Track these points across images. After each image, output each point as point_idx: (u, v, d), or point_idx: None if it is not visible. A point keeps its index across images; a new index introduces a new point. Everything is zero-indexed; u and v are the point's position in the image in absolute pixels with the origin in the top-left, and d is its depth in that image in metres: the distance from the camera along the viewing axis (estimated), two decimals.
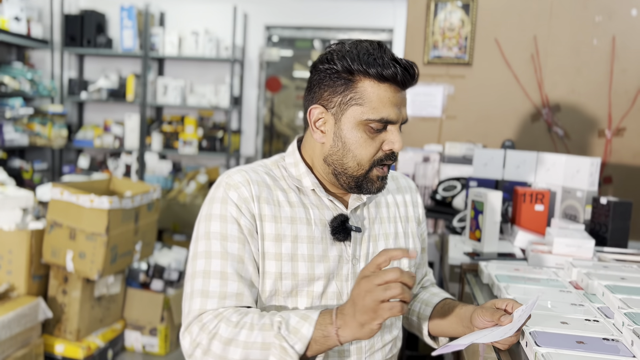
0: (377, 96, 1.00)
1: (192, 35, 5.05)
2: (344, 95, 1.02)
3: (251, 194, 1.02)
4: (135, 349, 3.27)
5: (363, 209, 1.13)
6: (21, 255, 2.78)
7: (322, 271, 1.03)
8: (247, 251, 1.01)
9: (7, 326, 2.53)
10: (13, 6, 4.69)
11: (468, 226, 1.77)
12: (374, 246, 1.11)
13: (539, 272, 1.42)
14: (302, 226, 1.04)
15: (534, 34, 2.71)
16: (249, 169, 1.08)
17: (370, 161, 1.03)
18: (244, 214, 1.01)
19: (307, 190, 1.08)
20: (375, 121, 1.01)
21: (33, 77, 4.93)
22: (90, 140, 5.33)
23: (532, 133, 2.75)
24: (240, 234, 1.00)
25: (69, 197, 2.80)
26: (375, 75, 0.99)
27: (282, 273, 1.01)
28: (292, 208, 1.05)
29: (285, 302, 1.03)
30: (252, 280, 1.01)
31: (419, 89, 2.82)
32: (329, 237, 1.05)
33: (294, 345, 0.89)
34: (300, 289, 1.02)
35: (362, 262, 1.08)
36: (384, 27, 5.27)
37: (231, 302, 0.97)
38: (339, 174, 1.05)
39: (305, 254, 1.03)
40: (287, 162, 1.12)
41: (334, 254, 1.05)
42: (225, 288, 0.97)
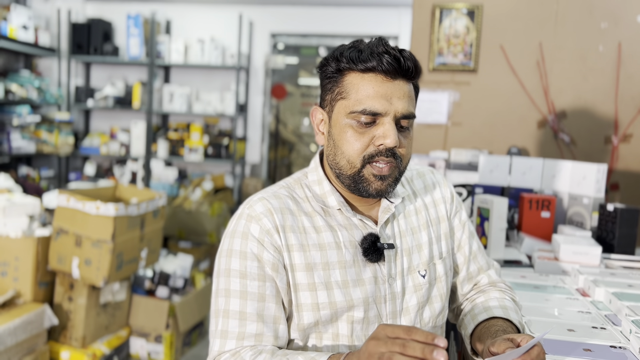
0: (360, 87, 0.95)
1: (197, 43, 5.08)
2: (332, 92, 0.99)
3: (275, 224, 0.97)
4: (141, 356, 3.26)
5: (393, 222, 1.05)
6: (27, 262, 2.79)
7: (359, 296, 0.97)
8: (268, 288, 0.96)
9: (13, 333, 2.53)
10: (21, 15, 4.73)
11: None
12: (408, 261, 1.03)
13: (546, 279, 1.41)
14: (332, 252, 0.98)
15: (539, 41, 2.70)
16: (271, 195, 1.01)
17: (360, 157, 0.96)
18: (267, 249, 0.96)
19: (333, 210, 1.02)
20: (359, 112, 0.94)
21: (40, 84, 4.97)
22: (97, 147, 5.36)
23: (538, 139, 2.74)
24: (260, 271, 0.96)
25: (75, 204, 2.81)
26: (359, 68, 0.95)
27: (319, 303, 0.96)
28: (319, 234, 0.99)
29: (326, 329, 0.98)
30: (275, 318, 0.96)
31: (424, 95, 2.82)
32: (360, 259, 0.99)
33: None
34: (339, 315, 0.97)
35: (398, 279, 1.01)
36: (389, 34, 5.28)
37: (249, 342, 0.94)
38: (338, 175, 1.00)
39: (340, 280, 0.97)
40: (310, 180, 1.06)
41: (369, 275, 0.99)
42: (244, 329, 0.94)
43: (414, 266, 1.03)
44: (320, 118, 1.04)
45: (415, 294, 1.02)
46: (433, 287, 1.05)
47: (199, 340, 3.61)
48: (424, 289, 1.03)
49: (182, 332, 3.35)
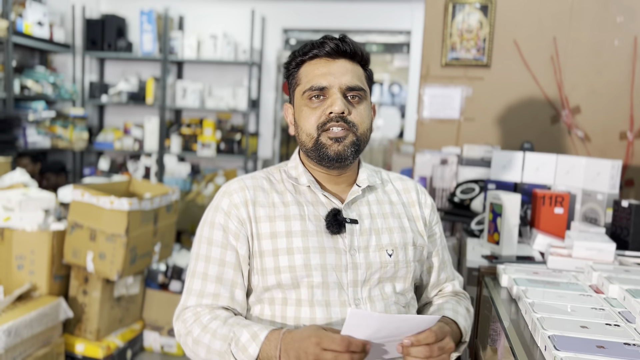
0: (309, 71, 1.12)
1: (210, 39, 5.10)
2: (292, 85, 1.17)
3: (244, 199, 1.12)
4: (154, 349, 3.30)
5: (361, 204, 1.17)
6: (43, 256, 2.83)
7: (318, 262, 1.08)
8: (228, 255, 1.11)
9: (29, 325, 2.57)
10: (36, 11, 4.78)
11: (486, 229, 1.76)
12: (377, 239, 1.14)
13: (559, 276, 1.41)
14: (296, 222, 1.11)
15: (553, 35, 2.68)
16: (248, 177, 1.18)
17: (316, 127, 1.11)
18: (232, 220, 1.11)
19: (304, 189, 1.16)
20: (308, 90, 1.10)
21: (55, 80, 5.02)
22: (111, 142, 5.40)
23: (551, 135, 2.72)
24: (224, 240, 1.11)
25: (89, 199, 2.84)
26: (308, 57, 1.13)
27: (280, 267, 1.08)
28: (286, 207, 1.13)
29: (290, 294, 1.09)
30: (232, 282, 1.11)
31: (437, 90, 2.80)
32: (324, 231, 1.11)
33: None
34: (300, 280, 1.07)
35: (362, 252, 1.12)
36: (401, 30, 5.26)
37: (207, 301, 1.10)
38: (306, 153, 1.15)
39: (301, 246, 1.08)
40: (288, 166, 1.21)
41: (330, 245, 1.10)
42: (204, 288, 1.10)
43: (382, 244, 1.14)
44: (291, 112, 1.19)
45: (380, 270, 1.12)
46: (401, 268, 1.15)
47: None
48: (389, 266, 1.13)
49: None
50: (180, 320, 1.12)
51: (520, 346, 1.03)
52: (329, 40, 1.11)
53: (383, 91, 7.74)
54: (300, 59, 1.14)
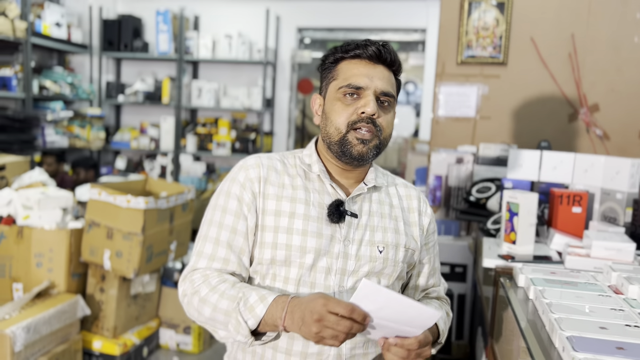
0: (348, 69, 1.17)
1: (225, 39, 5.12)
2: (327, 79, 1.22)
3: (259, 175, 1.19)
4: (170, 347, 3.33)
5: (365, 201, 1.24)
6: (61, 254, 2.86)
7: (313, 245, 1.15)
8: (240, 224, 1.17)
9: (48, 322, 2.61)
10: (54, 12, 4.84)
11: (503, 228, 1.74)
12: (370, 235, 1.20)
13: (577, 276, 1.39)
14: (301, 205, 1.17)
15: (571, 32, 2.64)
16: (265, 156, 1.25)
17: (346, 124, 1.16)
18: (246, 192, 1.18)
19: (314, 177, 1.22)
20: (345, 87, 1.15)
21: (73, 81, 5.08)
22: (127, 142, 5.45)
23: (569, 133, 2.69)
24: (238, 209, 1.18)
25: (106, 198, 2.87)
26: (349, 56, 1.18)
27: (278, 243, 1.15)
28: (295, 190, 1.19)
29: (280, 270, 1.16)
30: (241, 249, 1.17)
31: (452, 89, 2.78)
32: (325, 219, 1.17)
33: (247, 321, 1.05)
34: (293, 259, 1.15)
35: (355, 245, 1.18)
36: (416, 28, 5.23)
37: (218, 265, 1.16)
38: (329, 145, 1.19)
39: (300, 228, 1.15)
40: (304, 153, 1.27)
41: (328, 233, 1.17)
42: (215, 252, 1.16)
43: (375, 241, 1.20)
44: (319, 103, 1.25)
45: (369, 263, 1.19)
46: (388, 265, 1.21)
47: None
48: (377, 262, 1.19)
49: None
50: (187, 280, 1.17)
51: (537, 347, 1.02)
52: (372, 45, 1.16)
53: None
54: (341, 56, 1.19)
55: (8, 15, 4.18)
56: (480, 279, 1.83)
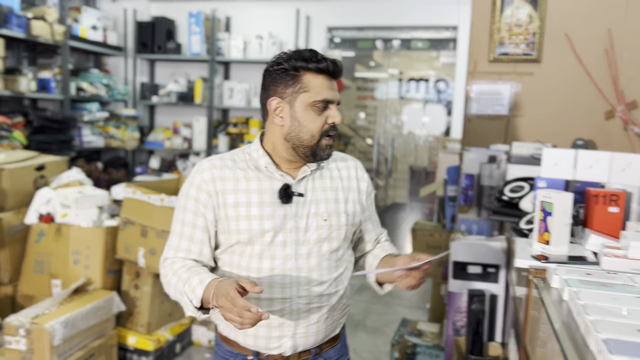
0: (318, 84, 1.35)
1: (256, 39, 5.16)
2: (294, 87, 1.36)
3: (212, 176, 1.38)
4: (202, 343, 3.38)
5: (309, 180, 1.44)
6: (97, 251, 2.94)
7: (269, 226, 1.37)
8: (199, 220, 1.39)
9: (85, 317, 2.68)
10: (91, 16, 4.97)
11: (536, 228, 1.71)
12: (315, 207, 1.42)
13: (613, 277, 1.36)
14: (255, 195, 1.38)
15: (608, 27, 2.58)
16: (216, 157, 1.43)
17: (320, 132, 1.37)
18: (202, 192, 1.38)
19: (262, 168, 1.41)
20: (320, 101, 1.35)
21: (108, 82, 5.20)
22: (161, 142, 5.56)
23: (605, 131, 2.62)
24: (195, 208, 1.39)
25: (140, 197, 2.93)
26: (313, 69, 1.34)
27: (240, 229, 1.36)
28: (248, 182, 1.39)
29: (246, 249, 1.38)
30: (201, 240, 1.40)
31: (484, 86, 2.75)
32: (277, 201, 1.38)
33: (192, 300, 1.28)
34: (254, 240, 1.37)
35: (303, 219, 1.40)
36: (447, 25, 5.18)
37: (181, 254, 1.40)
38: (297, 147, 1.38)
39: (257, 214, 1.37)
40: (251, 149, 1.46)
41: (280, 213, 1.38)
42: (179, 244, 1.41)
43: (320, 212, 1.42)
44: (278, 106, 1.38)
45: (316, 231, 1.41)
46: (333, 230, 1.44)
47: None
48: (323, 229, 1.42)
49: None
50: (162, 266, 1.43)
51: (572, 349, 1.00)
52: (328, 61, 1.35)
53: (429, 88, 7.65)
54: (303, 66, 1.34)
55: (47, 19, 4.31)
56: (513, 279, 1.80)
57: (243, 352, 1.43)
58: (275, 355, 1.41)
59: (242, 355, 1.43)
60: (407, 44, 5.82)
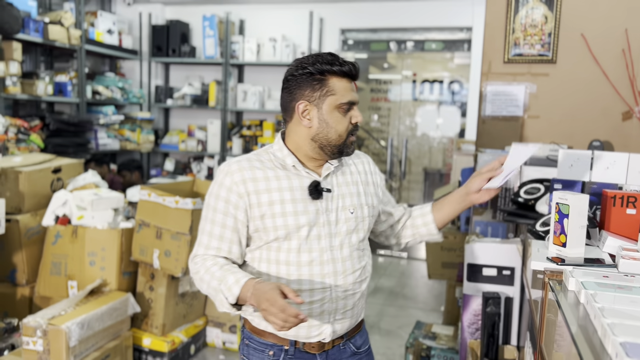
0: (342, 87, 1.45)
1: (270, 42, 5.18)
2: (321, 90, 1.44)
3: (242, 178, 1.44)
4: (216, 345, 3.39)
5: (333, 176, 1.53)
6: (113, 253, 2.97)
7: (304, 221, 1.45)
8: (229, 221, 1.45)
9: (100, 319, 2.71)
10: (106, 20, 5.02)
11: (552, 230, 1.69)
12: (342, 201, 1.52)
13: (631, 280, 1.34)
14: (286, 192, 1.45)
15: (625, 27, 2.55)
16: (243, 159, 1.49)
17: (346, 132, 1.47)
18: (233, 194, 1.44)
19: (289, 167, 1.49)
20: (346, 104, 1.45)
21: (124, 85, 5.25)
22: (176, 144, 5.60)
23: (623, 132, 2.59)
24: (225, 209, 1.45)
25: (155, 199, 2.96)
26: (338, 72, 1.43)
27: (277, 226, 1.43)
28: (279, 181, 1.46)
29: (283, 244, 1.46)
30: (231, 239, 1.46)
31: (499, 87, 2.73)
32: (307, 198, 1.46)
33: (227, 298, 1.35)
34: (291, 235, 1.45)
35: (333, 213, 1.49)
36: (462, 26, 5.15)
37: (212, 252, 1.47)
38: (324, 146, 1.47)
39: (291, 210, 1.44)
40: (274, 149, 1.53)
41: (312, 208, 1.46)
42: (209, 242, 1.47)
43: (346, 205, 1.52)
44: (305, 109, 1.45)
45: (345, 224, 1.51)
46: (359, 222, 1.54)
47: None
48: (351, 221, 1.52)
49: None
50: (192, 262, 1.49)
51: (589, 353, 0.99)
52: (351, 65, 1.45)
53: (443, 89, 7.61)
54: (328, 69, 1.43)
55: (64, 24, 4.37)
56: (529, 282, 1.78)
57: (279, 342, 1.49)
58: (313, 343, 1.49)
59: (278, 346, 1.49)
60: (420, 45, 5.80)
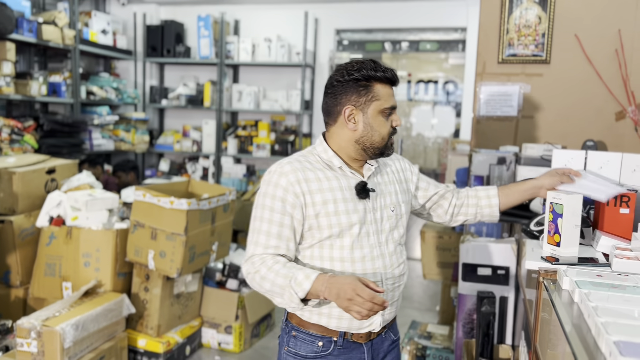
0: (386, 92, 1.54)
1: (265, 42, 5.18)
2: (366, 96, 1.52)
3: (297, 178, 1.50)
4: (212, 346, 3.39)
5: (374, 177, 1.62)
6: (107, 254, 2.96)
7: (355, 219, 1.53)
8: (286, 219, 1.50)
9: (95, 320, 2.70)
10: (101, 20, 5.01)
11: (546, 230, 1.70)
12: (383, 200, 1.61)
13: (625, 279, 1.34)
14: (338, 192, 1.53)
15: (618, 28, 2.56)
16: (294, 160, 1.56)
17: (388, 134, 1.57)
18: (289, 194, 1.49)
19: (336, 168, 1.57)
20: (389, 109, 1.54)
21: (118, 86, 5.24)
22: (170, 145, 5.59)
23: (616, 133, 2.60)
24: (282, 208, 1.50)
25: (150, 199, 2.95)
26: (382, 79, 1.52)
27: (331, 224, 1.51)
28: (329, 181, 1.54)
29: (335, 241, 1.53)
30: (288, 237, 1.51)
31: (494, 88, 2.74)
32: (355, 197, 1.54)
33: (297, 293, 1.40)
34: (344, 232, 1.52)
35: (378, 211, 1.58)
36: (456, 27, 5.17)
37: (270, 251, 1.51)
38: (367, 148, 1.56)
39: (343, 209, 1.52)
40: (318, 150, 1.60)
41: (361, 207, 1.55)
42: (268, 241, 1.51)
43: (387, 204, 1.61)
44: (351, 113, 1.54)
45: (388, 221, 1.61)
46: (399, 219, 1.64)
47: (266, 332, 3.70)
48: (392, 218, 1.62)
49: (251, 323, 3.45)
50: (249, 262, 1.52)
51: (583, 351, 1.00)
52: (393, 72, 1.54)
53: (438, 89, 7.63)
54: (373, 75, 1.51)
55: (58, 24, 4.35)
56: (523, 281, 1.79)
57: (329, 334, 1.54)
58: (362, 333, 1.56)
59: (327, 337, 1.55)
60: (415, 45, 5.81)
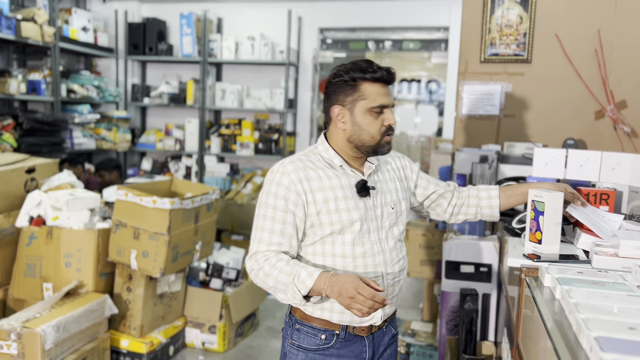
0: (374, 92, 1.56)
1: (248, 40, 5.16)
2: (352, 96, 1.57)
3: (299, 177, 1.55)
4: (195, 346, 3.37)
5: (373, 175, 1.65)
6: (89, 254, 2.92)
7: (357, 216, 1.57)
8: (288, 217, 1.55)
9: (77, 321, 2.67)
10: (81, 17, 4.94)
11: (528, 227, 1.72)
12: (383, 197, 1.65)
13: (605, 276, 1.36)
14: (339, 190, 1.58)
15: (597, 28, 2.60)
16: (296, 159, 1.60)
17: (379, 133, 1.58)
18: (291, 192, 1.55)
19: (337, 166, 1.61)
20: (376, 107, 1.56)
21: (99, 84, 5.17)
22: (153, 143, 5.53)
23: (595, 131, 2.64)
24: (285, 207, 1.55)
25: (133, 199, 2.92)
26: (370, 79, 1.55)
27: (333, 221, 1.56)
28: (330, 179, 1.58)
29: (337, 238, 1.57)
30: (290, 235, 1.57)
31: (476, 87, 2.76)
32: (356, 195, 1.59)
33: (300, 290, 1.46)
34: (345, 229, 1.57)
35: (379, 208, 1.62)
36: (439, 26, 5.19)
37: (274, 248, 1.56)
38: (359, 146, 1.60)
39: (344, 207, 1.57)
40: (319, 150, 1.65)
41: (362, 204, 1.59)
42: (271, 239, 1.56)
43: (387, 201, 1.65)
44: (339, 113, 1.59)
45: (388, 218, 1.65)
46: (399, 216, 1.69)
47: (250, 331, 3.69)
48: (392, 215, 1.66)
49: (235, 322, 3.43)
50: (252, 259, 1.57)
51: (564, 347, 1.01)
52: (385, 71, 1.55)
53: (420, 88, 7.67)
54: (360, 76, 1.55)
55: (37, 21, 4.28)
56: (505, 278, 1.81)
57: (331, 328, 1.58)
58: (364, 327, 1.61)
59: (330, 330, 1.59)
60: (398, 44, 5.83)
